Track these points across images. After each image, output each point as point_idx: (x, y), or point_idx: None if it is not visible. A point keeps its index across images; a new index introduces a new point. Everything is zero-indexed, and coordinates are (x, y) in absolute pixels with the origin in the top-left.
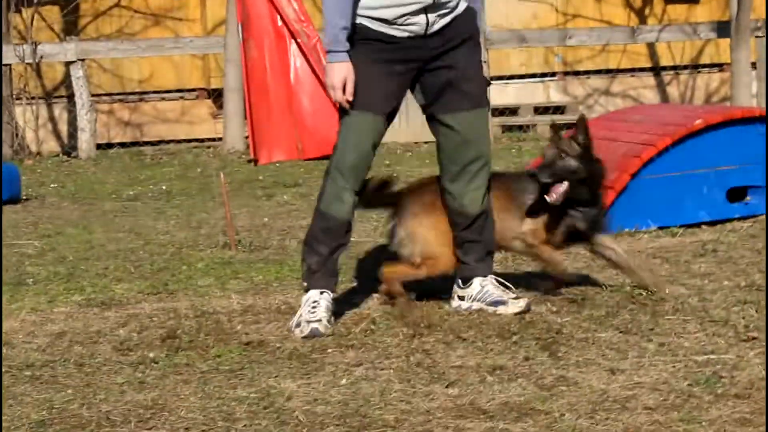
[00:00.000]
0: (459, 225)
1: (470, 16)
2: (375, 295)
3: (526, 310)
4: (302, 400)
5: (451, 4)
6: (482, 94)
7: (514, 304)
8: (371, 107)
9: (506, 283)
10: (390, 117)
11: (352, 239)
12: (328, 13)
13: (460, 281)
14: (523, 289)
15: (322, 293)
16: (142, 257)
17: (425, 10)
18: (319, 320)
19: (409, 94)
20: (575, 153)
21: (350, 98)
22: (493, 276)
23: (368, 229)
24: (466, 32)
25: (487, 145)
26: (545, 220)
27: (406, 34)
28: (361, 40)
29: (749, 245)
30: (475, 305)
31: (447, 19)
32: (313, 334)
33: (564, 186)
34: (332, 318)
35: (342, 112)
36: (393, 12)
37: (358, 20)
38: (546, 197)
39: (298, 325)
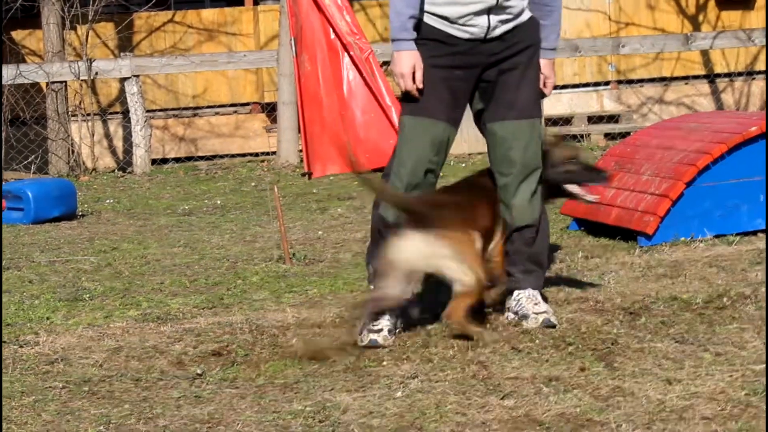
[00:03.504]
0: (508, 234)
1: (534, 26)
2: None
3: (545, 326)
4: (358, 413)
5: (514, 10)
6: (534, 105)
7: (534, 319)
8: (427, 112)
9: (538, 298)
10: (453, 122)
11: None
12: (395, 1)
13: (508, 293)
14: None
15: None
16: (198, 272)
17: (488, 11)
18: (380, 330)
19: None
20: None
21: (420, 85)
22: (533, 290)
23: None
24: (527, 41)
25: (535, 155)
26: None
27: (466, 36)
28: (420, 41)
29: None
30: (511, 316)
31: (509, 25)
32: (372, 345)
33: None
34: (398, 323)
35: (402, 111)
36: (457, 10)
37: (421, 15)
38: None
39: (360, 332)
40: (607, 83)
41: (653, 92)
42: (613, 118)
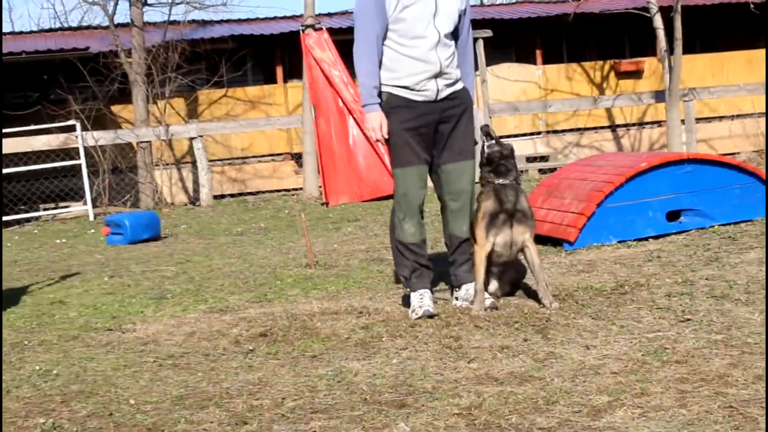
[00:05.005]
0: (452, 246)
1: (467, 93)
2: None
3: (490, 309)
4: (365, 375)
5: (453, 76)
6: (473, 149)
7: (480, 303)
8: (409, 162)
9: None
10: (426, 162)
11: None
12: (362, 76)
13: (455, 287)
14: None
15: (423, 290)
16: (248, 276)
17: (435, 77)
18: (429, 305)
19: None
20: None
21: (386, 136)
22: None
23: None
24: (464, 103)
25: (471, 188)
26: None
27: (422, 98)
28: (391, 109)
29: (683, 252)
30: (462, 303)
31: (451, 89)
32: (425, 314)
33: None
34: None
35: (392, 165)
36: (414, 78)
37: (386, 89)
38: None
39: (413, 310)
40: (539, 133)
41: (572, 139)
42: (544, 158)
